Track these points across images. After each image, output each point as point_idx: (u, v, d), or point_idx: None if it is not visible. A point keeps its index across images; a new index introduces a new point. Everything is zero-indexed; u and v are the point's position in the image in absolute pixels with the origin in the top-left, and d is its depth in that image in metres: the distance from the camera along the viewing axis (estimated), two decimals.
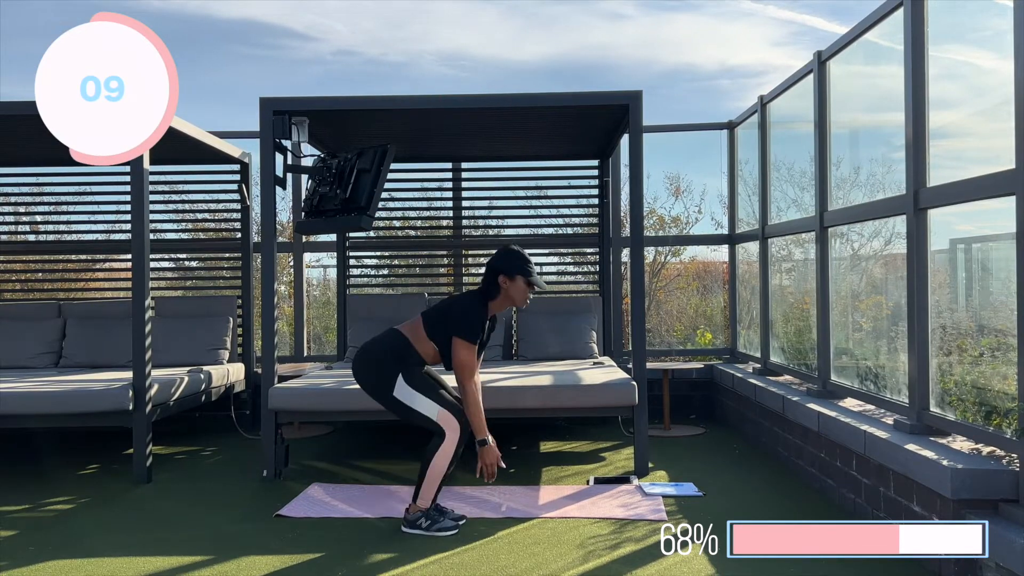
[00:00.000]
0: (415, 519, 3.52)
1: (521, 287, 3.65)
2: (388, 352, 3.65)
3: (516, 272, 3.63)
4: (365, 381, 3.68)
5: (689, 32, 20.02)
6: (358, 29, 20.29)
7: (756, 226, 5.93)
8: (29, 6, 17.90)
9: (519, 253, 3.70)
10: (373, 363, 3.66)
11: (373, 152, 4.45)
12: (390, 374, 3.58)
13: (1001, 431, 2.95)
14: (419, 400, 3.55)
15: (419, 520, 3.51)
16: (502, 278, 3.63)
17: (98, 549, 3.36)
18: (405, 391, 3.56)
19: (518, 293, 3.65)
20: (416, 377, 3.60)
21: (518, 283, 3.64)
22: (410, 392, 3.56)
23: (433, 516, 3.52)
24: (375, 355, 3.67)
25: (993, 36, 3.50)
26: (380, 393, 3.62)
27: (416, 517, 3.52)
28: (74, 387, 4.53)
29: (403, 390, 3.56)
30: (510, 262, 3.65)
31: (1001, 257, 3.40)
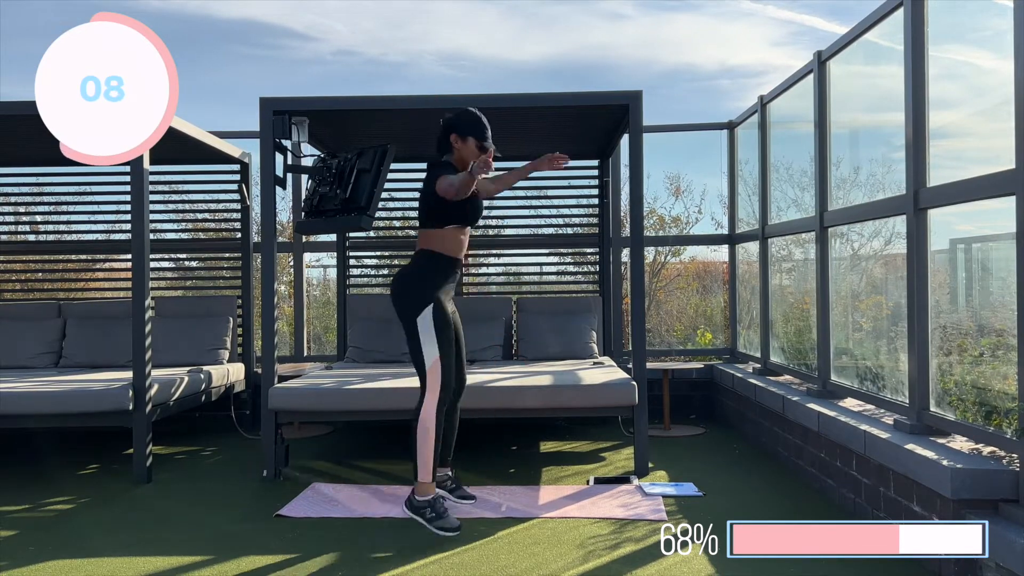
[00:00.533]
0: (420, 506, 3.48)
1: (472, 149, 3.66)
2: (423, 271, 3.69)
3: (467, 133, 3.66)
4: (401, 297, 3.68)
5: (689, 32, 20.03)
6: (358, 29, 20.29)
7: (756, 226, 5.93)
8: (29, 6, 17.90)
9: (473, 114, 3.71)
10: (418, 279, 3.69)
11: (373, 152, 4.44)
12: (423, 299, 3.61)
13: (1001, 431, 2.95)
14: (429, 338, 3.57)
15: (424, 509, 3.48)
16: (454, 137, 3.68)
17: (98, 549, 3.36)
18: (427, 322, 3.58)
19: (470, 155, 3.67)
20: (442, 313, 3.62)
21: (469, 144, 3.66)
22: (429, 326, 3.58)
23: (439, 509, 3.48)
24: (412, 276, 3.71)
25: (992, 36, 3.50)
26: (409, 314, 3.62)
27: (422, 505, 3.48)
28: (74, 387, 4.53)
29: (426, 320, 3.58)
30: (461, 122, 3.68)
31: (1001, 257, 3.40)
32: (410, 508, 3.52)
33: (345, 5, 19.47)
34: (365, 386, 4.56)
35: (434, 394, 3.55)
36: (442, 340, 3.59)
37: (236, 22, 20.31)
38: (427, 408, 3.53)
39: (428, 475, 3.52)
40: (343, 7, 19.52)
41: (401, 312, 3.68)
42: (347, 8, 19.68)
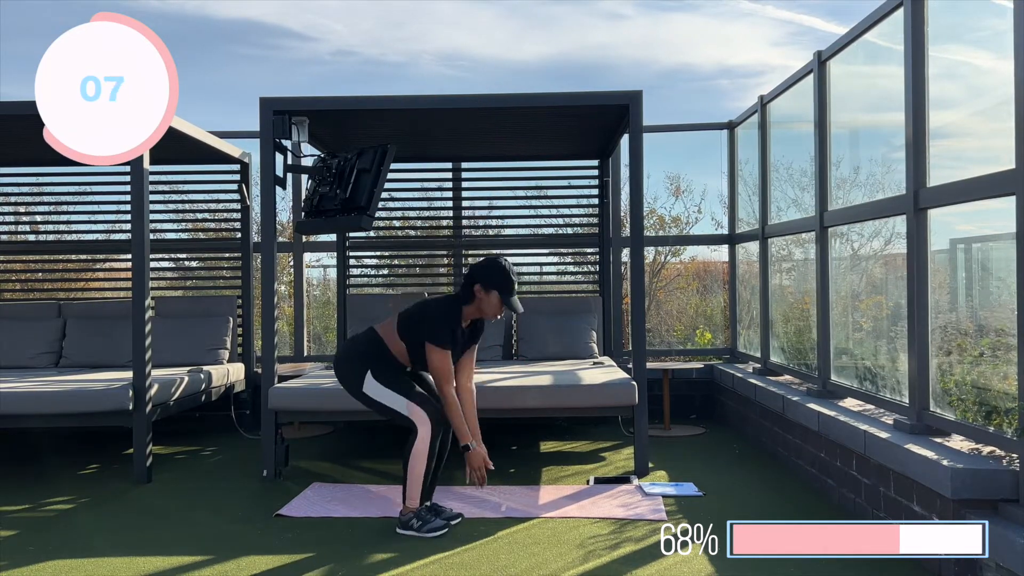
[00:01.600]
0: (407, 520, 3.51)
1: (494, 303, 3.61)
2: (361, 350, 3.69)
3: (492, 287, 3.60)
4: (340, 378, 3.74)
5: (688, 32, 20.03)
6: (357, 29, 20.29)
7: (756, 226, 5.93)
8: (29, 6, 17.89)
9: (501, 267, 3.64)
10: (345, 360, 3.72)
11: (373, 152, 4.45)
12: (360, 371, 3.62)
13: (1001, 431, 2.95)
14: (387, 395, 3.56)
15: (411, 521, 3.50)
16: (478, 287, 3.61)
17: (98, 549, 3.36)
18: (373, 387, 3.58)
19: (490, 307, 3.63)
20: (386, 373, 3.60)
21: (492, 298, 3.61)
22: (378, 387, 3.58)
23: (424, 516, 3.50)
24: (349, 353, 3.74)
25: (991, 36, 3.50)
26: (353, 390, 3.66)
27: (408, 518, 3.51)
28: (74, 387, 4.53)
29: (372, 386, 3.59)
30: (489, 275, 3.62)
31: (1001, 257, 3.40)
32: (402, 527, 3.53)
33: (344, 5, 19.48)
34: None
35: (426, 429, 3.50)
36: (400, 388, 3.57)
37: (235, 22, 20.32)
38: (419, 446, 3.50)
39: (415, 502, 3.54)
40: (342, 7, 19.53)
41: (348, 390, 3.69)
42: (346, 8, 19.69)
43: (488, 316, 3.67)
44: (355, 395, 3.67)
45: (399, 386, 3.59)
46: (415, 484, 3.51)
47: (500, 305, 3.62)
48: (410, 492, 3.53)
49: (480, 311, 3.65)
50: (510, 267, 3.67)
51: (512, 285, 3.63)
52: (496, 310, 3.63)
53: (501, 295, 3.60)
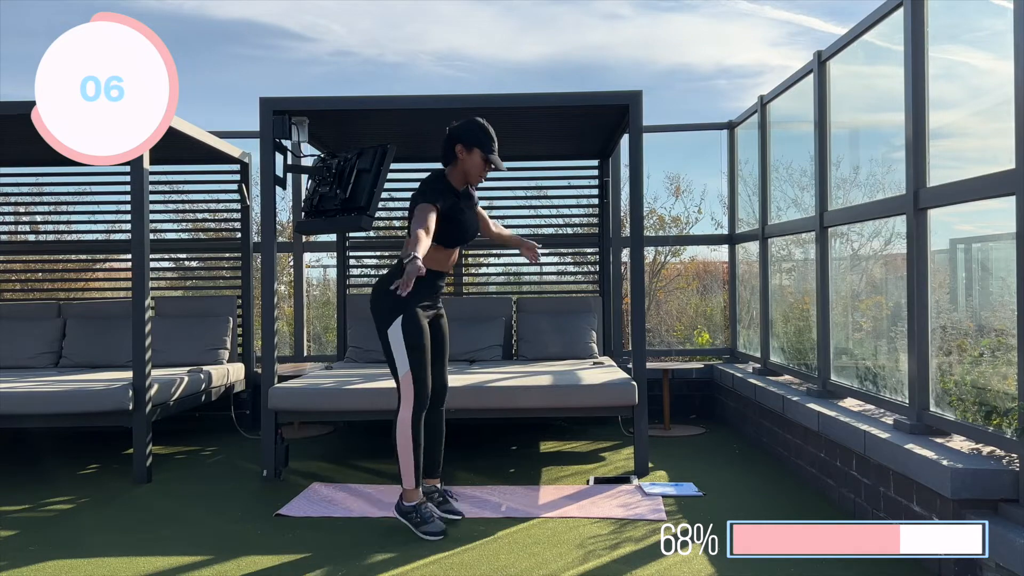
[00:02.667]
0: (407, 511, 3.49)
1: (477, 161, 3.54)
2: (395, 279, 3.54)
3: (473, 144, 3.53)
4: (373, 309, 3.63)
5: (686, 33, 20.04)
6: (355, 30, 20.30)
7: (756, 226, 5.93)
8: (29, 6, 17.90)
9: (480, 124, 3.56)
10: (382, 293, 3.58)
11: (373, 152, 4.44)
12: (393, 311, 3.52)
13: (1001, 431, 2.95)
14: (400, 350, 3.50)
15: (410, 514, 3.48)
16: (459, 147, 3.54)
17: (98, 549, 3.36)
18: (395, 335, 3.50)
19: (473, 167, 3.55)
20: (413, 329, 3.51)
21: (474, 156, 3.54)
22: (398, 338, 3.50)
23: (424, 514, 3.48)
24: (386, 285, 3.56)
25: (989, 36, 3.50)
26: (379, 325, 3.58)
27: (409, 509, 3.49)
28: (74, 387, 4.53)
29: (395, 333, 3.51)
30: (469, 133, 3.54)
31: (1001, 257, 3.40)
32: (398, 512, 3.53)
33: (342, 6, 19.49)
34: (365, 386, 4.56)
35: (408, 405, 3.50)
36: (413, 356, 3.51)
37: (234, 22, 20.32)
38: (403, 418, 3.50)
39: (411, 482, 3.51)
40: (340, 8, 19.54)
41: (375, 320, 3.64)
42: (344, 9, 19.70)
43: (473, 179, 3.60)
44: (379, 330, 3.59)
45: (414, 350, 3.50)
46: (406, 465, 3.50)
47: (483, 164, 3.55)
48: (403, 473, 3.51)
49: (465, 174, 3.59)
50: (489, 125, 3.60)
51: (492, 142, 3.55)
52: (480, 169, 3.56)
53: (483, 152, 3.53)
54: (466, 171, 3.58)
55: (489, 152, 3.54)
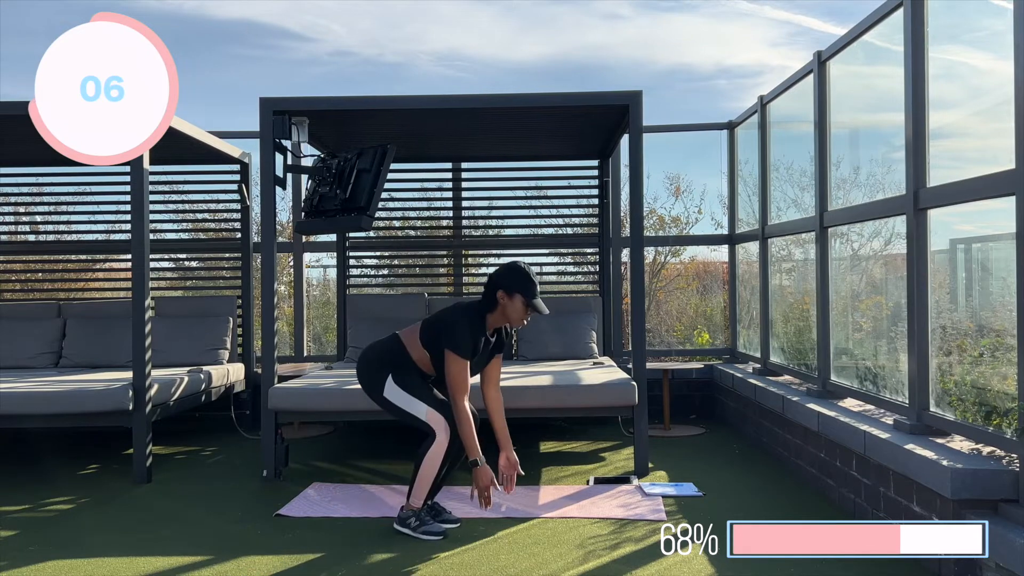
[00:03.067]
0: (406, 517, 3.51)
1: (519, 307, 3.56)
2: (383, 355, 3.68)
3: (515, 290, 3.55)
4: (361, 382, 3.74)
5: (686, 33, 20.05)
6: (355, 30, 20.30)
7: (756, 226, 5.93)
8: (29, 6, 17.90)
9: (523, 271, 3.59)
10: (366, 365, 3.71)
11: (373, 152, 4.45)
12: (381, 376, 3.61)
13: (1001, 431, 2.95)
14: (407, 400, 3.55)
15: (409, 519, 3.50)
16: (500, 293, 3.56)
17: (98, 549, 3.36)
18: (394, 391, 3.57)
19: (515, 312, 3.57)
20: (407, 378, 3.60)
21: (516, 302, 3.55)
22: (398, 392, 3.57)
23: (423, 518, 3.50)
24: (371, 357, 3.72)
25: (988, 37, 3.50)
26: (373, 394, 3.66)
27: (407, 516, 3.51)
28: (74, 387, 4.53)
29: (392, 390, 3.58)
30: (511, 279, 3.57)
31: (1001, 257, 3.40)
32: (398, 523, 3.53)
33: (342, 6, 19.49)
34: None
35: (444, 436, 3.49)
36: (420, 394, 3.55)
37: (233, 23, 20.32)
38: (435, 451, 3.48)
39: (419, 502, 3.54)
40: (340, 8, 19.54)
41: (367, 391, 3.69)
42: (344, 9, 19.69)
43: (514, 322, 3.62)
44: (376, 400, 3.66)
45: (419, 392, 3.57)
46: (423, 486, 3.51)
47: (525, 309, 3.57)
48: (416, 491, 3.52)
49: (505, 317, 3.60)
50: (530, 269, 3.63)
51: (534, 287, 3.58)
52: (521, 314, 3.58)
53: (525, 298, 3.55)
54: (507, 316, 3.60)
55: (531, 297, 3.56)
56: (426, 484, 3.51)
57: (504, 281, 3.57)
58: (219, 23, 20.05)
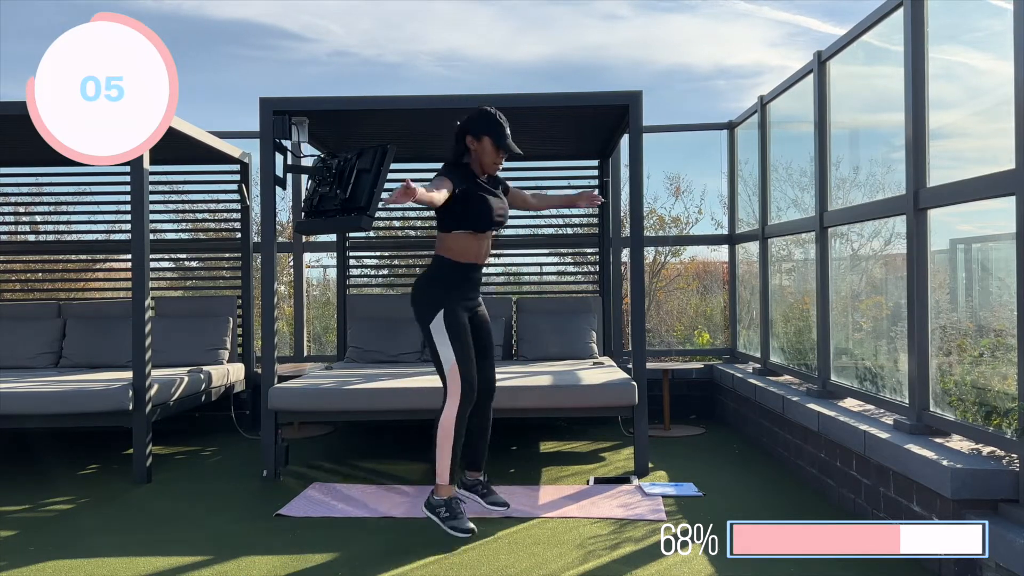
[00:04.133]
0: (436, 505, 3.46)
1: (489, 149, 3.54)
2: (435, 275, 3.61)
3: (483, 133, 3.53)
4: (414, 305, 3.63)
5: (684, 33, 20.06)
6: (354, 30, 20.30)
7: (756, 226, 5.93)
8: (29, 6, 17.90)
9: (488, 113, 3.57)
10: (424, 287, 3.62)
11: (373, 152, 4.44)
12: (435, 305, 3.53)
13: (1001, 431, 2.95)
14: (444, 343, 3.49)
15: (440, 508, 3.45)
16: (469, 139, 3.55)
17: (98, 549, 3.36)
18: (439, 327, 3.50)
19: (487, 156, 3.55)
20: (456, 321, 3.52)
21: (485, 144, 3.53)
22: (441, 331, 3.49)
23: (454, 509, 3.44)
24: (423, 282, 3.64)
25: (987, 37, 3.51)
26: (421, 321, 3.58)
27: (439, 503, 3.45)
28: (74, 387, 4.53)
29: (438, 326, 3.51)
30: (477, 122, 3.54)
31: (1001, 257, 3.40)
32: (427, 507, 3.49)
33: (341, 6, 19.49)
34: (365, 386, 4.56)
35: (455, 400, 3.47)
36: (457, 346, 3.50)
37: (232, 23, 20.32)
38: (447, 414, 3.47)
39: (445, 478, 3.47)
40: (339, 8, 19.54)
41: (417, 317, 3.64)
42: (343, 9, 19.69)
43: (488, 167, 3.59)
44: (421, 327, 3.59)
45: (458, 342, 3.50)
46: (443, 459, 3.46)
47: (496, 151, 3.55)
48: (440, 468, 3.46)
49: (480, 164, 3.58)
50: (498, 112, 3.60)
51: (503, 128, 3.54)
52: (493, 156, 3.55)
53: (493, 139, 3.53)
54: (481, 161, 3.58)
55: (500, 138, 3.53)
56: (446, 457, 3.45)
57: (471, 125, 3.55)
58: (218, 23, 20.05)
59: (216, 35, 20.45)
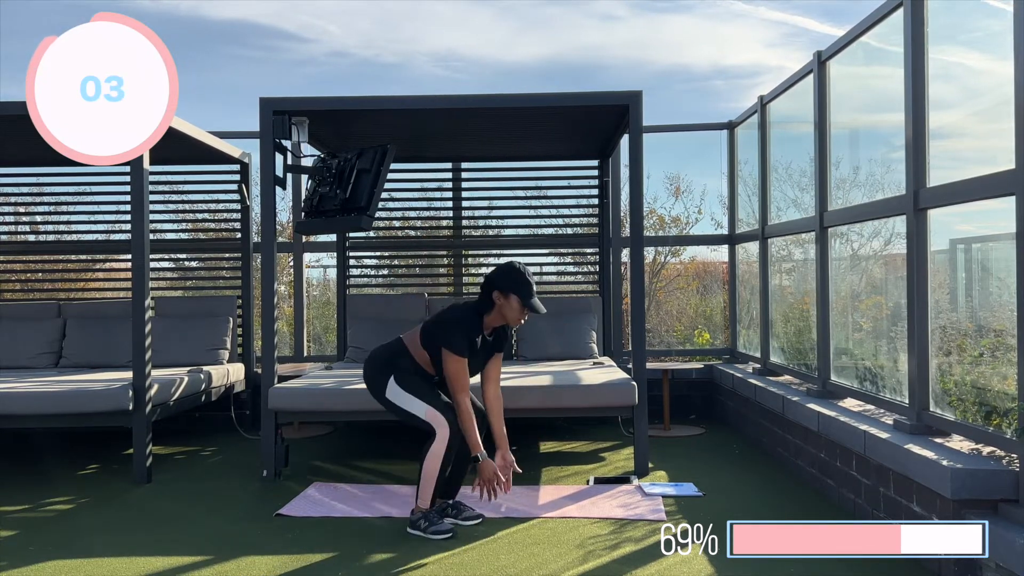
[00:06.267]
0: (416, 520, 3.53)
1: (515, 307, 3.58)
2: (386, 358, 3.72)
3: (511, 291, 3.57)
4: (367, 383, 3.77)
5: (682, 33, 20.06)
6: (351, 30, 20.30)
7: (756, 226, 5.93)
8: (29, 6, 17.90)
9: (518, 271, 3.62)
10: (370, 367, 3.76)
11: (373, 152, 4.45)
12: (384, 378, 3.66)
13: (1001, 431, 2.95)
14: (408, 400, 3.58)
15: (419, 521, 3.51)
16: (496, 294, 3.59)
17: (98, 549, 3.36)
18: (395, 392, 3.61)
19: (511, 312, 3.60)
20: (407, 379, 3.63)
21: (512, 302, 3.58)
22: (399, 392, 3.60)
23: (431, 518, 3.51)
24: (375, 359, 3.77)
25: (984, 37, 3.51)
26: (376, 395, 3.71)
27: (417, 518, 3.52)
28: (74, 387, 4.53)
29: (393, 391, 3.62)
30: (506, 280, 3.59)
31: (1001, 257, 3.40)
32: (410, 526, 3.55)
33: (338, 6, 19.47)
34: (365, 386, 4.55)
35: (444, 435, 3.50)
36: (419, 393, 3.58)
37: (230, 23, 20.30)
38: (435, 450, 3.50)
39: (426, 503, 3.55)
40: (336, 8, 19.52)
41: (372, 394, 3.73)
42: (340, 9, 19.68)
43: (511, 322, 3.65)
44: (379, 400, 3.70)
45: (420, 392, 3.60)
46: (427, 486, 3.52)
47: (522, 309, 3.59)
48: (421, 493, 3.54)
49: (503, 317, 3.63)
50: (526, 269, 3.65)
51: (530, 287, 3.61)
52: (518, 314, 3.61)
53: (521, 298, 3.57)
54: (504, 315, 3.63)
55: (527, 298, 3.58)
56: (430, 483, 3.52)
57: (500, 282, 3.60)
58: (215, 23, 20.03)
59: (213, 35, 20.44)
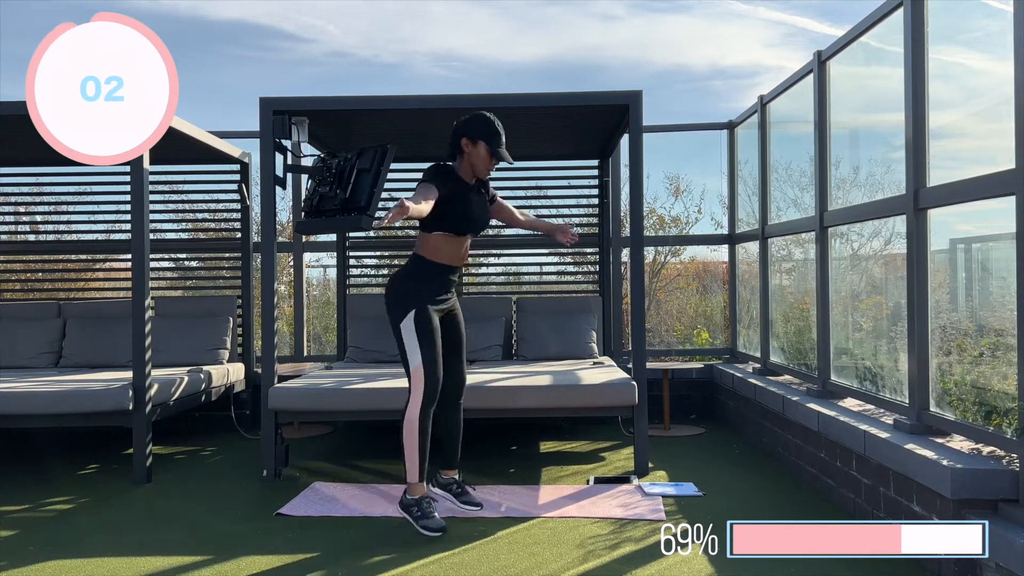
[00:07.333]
0: (409, 504, 3.52)
1: (483, 154, 3.59)
2: (409, 276, 3.66)
3: (479, 137, 3.57)
4: (388, 304, 3.68)
5: (681, 33, 20.07)
6: (350, 30, 20.30)
7: (756, 226, 5.93)
8: (29, 6, 17.91)
9: (488, 119, 3.62)
10: (395, 287, 3.68)
11: (373, 152, 4.44)
12: (405, 306, 3.58)
13: (1001, 431, 2.95)
14: (413, 344, 3.54)
15: (411, 507, 3.51)
16: (465, 140, 3.60)
17: (98, 549, 3.36)
18: (409, 328, 3.55)
19: (479, 161, 3.60)
20: (424, 319, 3.56)
21: (480, 149, 3.59)
22: (412, 332, 3.55)
23: (424, 507, 3.50)
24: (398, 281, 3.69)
25: (983, 37, 3.50)
26: (393, 319, 3.63)
27: (410, 502, 3.52)
28: (74, 387, 4.53)
29: (408, 327, 3.56)
30: (476, 126, 3.59)
31: (1001, 257, 3.40)
32: (401, 506, 3.55)
33: (338, 6, 19.48)
34: (365, 386, 4.56)
35: (417, 398, 3.52)
36: (424, 347, 3.55)
37: (229, 23, 20.32)
38: (410, 411, 3.52)
39: (414, 476, 3.53)
40: (336, 8, 19.53)
41: (389, 316, 3.69)
42: (339, 9, 19.69)
43: (479, 171, 3.64)
44: (392, 324, 3.65)
45: (426, 344, 3.54)
46: (410, 456, 3.51)
47: (489, 157, 3.60)
48: (408, 467, 3.52)
49: (471, 166, 3.63)
50: (497, 120, 3.64)
51: (500, 136, 3.60)
52: (486, 163, 3.61)
53: (488, 145, 3.57)
54: (472, 164, 3.62)
55: (495, 146, 3.58)
56: (412, 454, 3.50)
57: (469, 127, 3.59)
58: (214, 23, 20.04)
59: (213, 35, 20.45)
